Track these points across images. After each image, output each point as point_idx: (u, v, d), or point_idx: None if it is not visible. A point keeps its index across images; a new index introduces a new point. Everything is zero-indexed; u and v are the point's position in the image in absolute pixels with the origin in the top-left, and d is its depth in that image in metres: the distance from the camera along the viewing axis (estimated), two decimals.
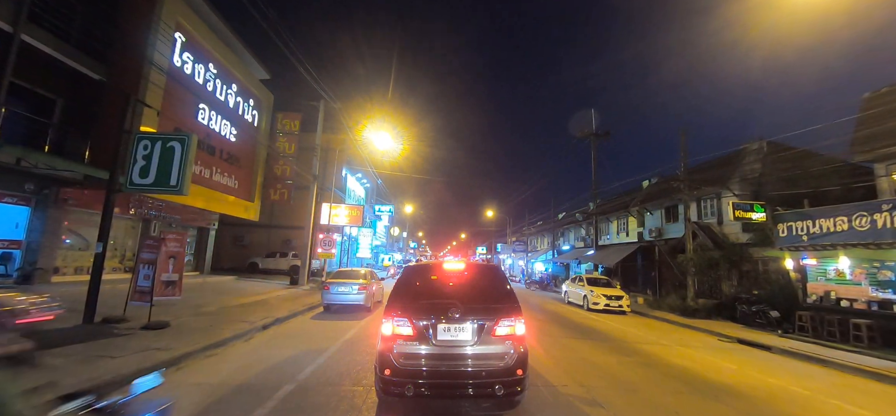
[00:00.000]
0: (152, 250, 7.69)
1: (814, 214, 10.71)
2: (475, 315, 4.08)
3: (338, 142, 24.67)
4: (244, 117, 18.27)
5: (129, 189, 8.12)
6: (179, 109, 13.62)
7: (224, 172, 16.94)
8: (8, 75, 8.45)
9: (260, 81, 19.76)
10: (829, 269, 10.80)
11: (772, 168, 15.93)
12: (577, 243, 32.67)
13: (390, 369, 3.89)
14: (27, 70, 9.95)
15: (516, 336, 4.09)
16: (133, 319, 7.43)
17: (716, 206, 18.32)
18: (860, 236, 9.50)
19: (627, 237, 25.56)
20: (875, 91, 12.92)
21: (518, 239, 44.95)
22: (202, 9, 14.62)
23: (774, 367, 7.72)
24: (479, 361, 3.98)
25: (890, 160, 11.80)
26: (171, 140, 8.01)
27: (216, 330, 7.45)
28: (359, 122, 21.16)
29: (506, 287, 4.68)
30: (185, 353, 5.87)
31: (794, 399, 5.72)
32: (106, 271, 8.46)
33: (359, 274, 12.04)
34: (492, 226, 55.67)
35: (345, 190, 28.62)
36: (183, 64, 13.86)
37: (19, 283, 10.60)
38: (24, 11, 8.84)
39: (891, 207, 9.08)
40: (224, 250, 23.89)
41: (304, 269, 17.90)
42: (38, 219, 11.11)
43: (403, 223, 61.52)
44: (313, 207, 18.25)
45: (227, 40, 16.48)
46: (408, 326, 4.02)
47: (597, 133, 24.23)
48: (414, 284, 4.76)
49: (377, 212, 40.64)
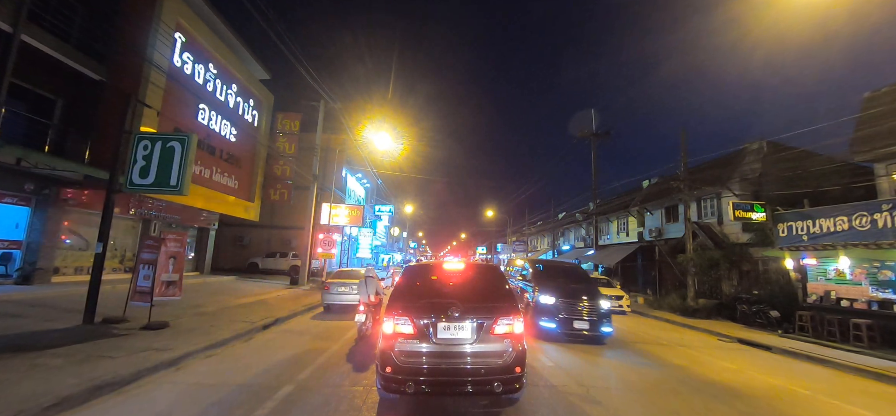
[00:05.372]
0: (152, 250, 7.68)
1: (814, 213, 10.70)
2: (474, 314, 4.17)
3: (338, 142, 24.66)
4: (244, 117, 18.26)
5: (129, 189, 8.11)
6: (179, 109, 13.61)
7: (224, 173, 16.94)
8: (8, 75, 8.43)
9: (260, 81, 19.75)
10: (830, 269, 10.79)
11: (772, 168, 15.93)
12: (577, 243, 32.65)
13: (392, 366, 3.97)
14: (27, 70, 9.95)
15: (515, 335, 4.17)
16: (133, 319, 7.43)
17: (716, 206, 18.32)
18: (860, 235, 9.49)
19: (627, 237, 25.55)
20: (875, 91, 12.92)
21: (518, 239, 44.91)
22: (202, 9, 14.61)
23: (775, 367, 7.72)
24: (478, 359, 4.06)
25: (890, 160, 11.79)
26: (171, 140, 8.01)
27: (216, 330, 7.45)
28: (359, 122, 21.20)
29: (505, 287, 4.76)
30: (186, 353, 5.87)
31: (795, 399, 5.72)
32: (106, 271, 8.47)
33: (359, 274, 12.02)
34: (492, 226, 55.67)
35: (345, 190, 28.61)
36: (183, 64, 13.85)
37: (19, 283, 10.60)
38: (24, 11, 8.83)
39: (891, 206, 9.07)
40: (224, 250, 23.87)
41: (304, 269, 17.89)
42: (38, 219, 11.11)
43: (403, 223, 61.50)
44: (313, 207, 18.25)
45: (227, 40, 16.48)
46: (409, 324, 4.10)
47: (597, 133, 24.21)
48: (415, 283, 4.84)
49: (377, 212, 40.62)
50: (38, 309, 8.06)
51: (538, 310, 8.81)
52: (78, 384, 4.31)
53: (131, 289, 7.63)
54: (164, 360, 5.44)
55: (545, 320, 8.62)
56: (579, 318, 8.38)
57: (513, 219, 48.40)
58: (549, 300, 8.73)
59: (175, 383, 4.97)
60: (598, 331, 8.36)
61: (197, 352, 6.11)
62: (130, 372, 4.85)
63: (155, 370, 5.19)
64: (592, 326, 8.33)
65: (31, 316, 7.41)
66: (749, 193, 16.07)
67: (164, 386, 4.83)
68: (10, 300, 8.70)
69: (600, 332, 8.39)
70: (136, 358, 5.36)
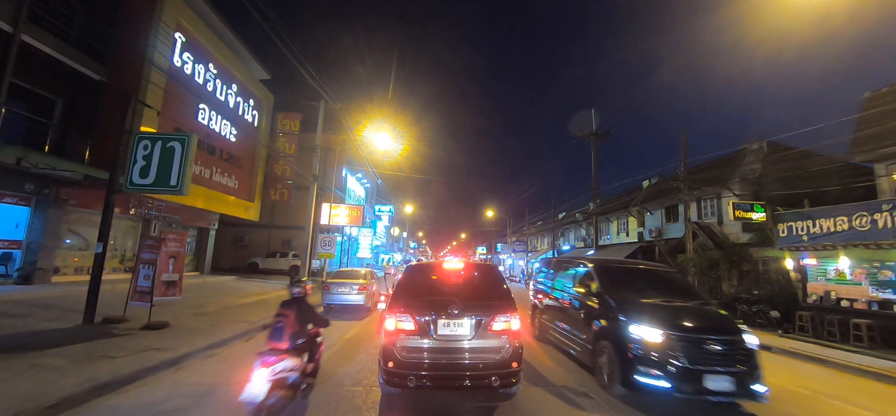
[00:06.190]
0: (152, 250, 7.68)
1: (814, 214, 10.71)
2: (473, 312, 4.33)
3: (338, 142, 24.65)
4: (244, 117, 18.27)
5: (129, 189, 8.12)
6: (179, 109, 13.62)
7: (224, 172, 16.94)
8: (8, 75, 8.43)
9: (260, 81, 19.77)
10: (830, 269, 10.79)
11: (772, 168, 15.93)
12: (577, 243, 32.67)
13: (394, 361, 4.14)
14: (27, 70, 9.95)
15: (512, 331, 4.34)
16: (133, 319, 7.43)
17: (716, 206, 18.32)
18: (861, 235, 9.49)
19: (627, 237, 25.55)
20: (875, 91, 12.93)
21: (518, 239, 44.93)
22: (202, 9, 14.62)
23: (775, 367, 7.71)
24: (476, 354, 4.24)
25: (890, 160, 11.79)
26: (171, 140, 8.01)
27: (217, 330, 7.45)
28: (359, 122, 21.14)
29: (502, 286, 4.94)
30: (186, 353, 5.87)
31: (795, 399, 5.72)
32: (106, 271, 8.46)
33: (359, 274, 12.03)
34: (492, 226, 55.65)
35: (345, 190, 28.61)
36: (183, 64, 13.86)
37: (19, 283, 10.60)
38: (24, 11, 8.83)
39: (891, 207, 9.07)
40: (224, 250, 23.87)
41: (304, 269, 17.88)
42: (38, 219, 11.11)
43: (403, 223, 61.48)
44: (313, 207, 18.22)
45: (227, 40, 16.48)
46: (410, 321, 4.27)
47: (597, 133, 24.17)
48: (415, 282, 5.02)
49: (377, 212, 40.62)
50: (38, 309, 8.05)
51: (628, 351, 5.02)
52: (78, 383, 4.31)
53: (131, 289, 7.63)
54: (164, 360, 5.44)
55: (645, 370, 4.81)
56: (713, 368, 4.72)
57: (513, 219, 48.45)
58: (654, 336, 4.93)
59: (176, 383, 4.97)
60: (746, 390, 4.69)
61: (197, 352, 6.11)
62: (131, 372, 4.85)
63: (155, 369, 5.19)
64: (738, 382, 4.66)
65: (32, 316, 7.41)
66: (749, 193, 16.07)
67: (165, 386, 4.83)
68: (10, 300, 8.70)
69: (750, 390, 4.70)
70: (136, 358, 5.36)
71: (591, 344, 5.88)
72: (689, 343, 4.87)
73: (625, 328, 5.17)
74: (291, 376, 3.89)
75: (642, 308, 5.41)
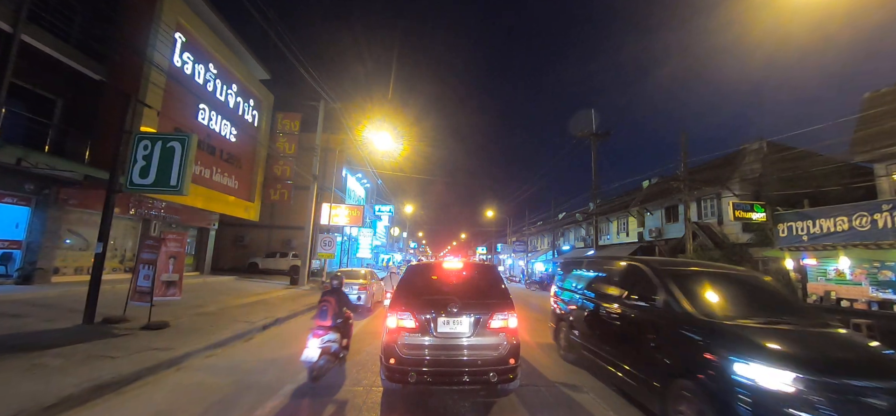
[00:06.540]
0: (152, 250, 7.67)
1: (814, 214, 10.71)
2: (472, 310, 4.45)
3: (337, 142, 24.66)
4: (244, 117, 18.27)
5: (129, 189, 8.11)
6: (179, 109, 13.62)
7: (224, 172, 16.94)
8: (8, 75, 8.43)
9: (260, 81, 19.77)
10: (830, 269, 10.80)
11: (772, 168, 15.94)
12: (577, 244, 32.68)
13: (395, 358, 4.26)
14: (27, 70, 9.95)
15: (509, 329, 4.45)
16: (133, 319, 7.42)
17: (716, 206, 18.33)
18: (860, 235, 9.50)
19: (628, 237, 25.56)
20: (875, 91, 12.95)
21: (518, 239, 44.92)
22: (202, 9, 14.62)
23: None
24: (475, 351, 4.35)
25: (890, 160, 11.80)
26: (171, 140, 8.00)
27: (217, 330, 7.45)
28: (359, 122, 21.15)
29: (501, 285, 5.06)
30: (186, 353, 5.87)
31: None
32: (106, 271, 8.46)
33: (359, 274, 12.03)
34: (492, 226, 55.63)
35: (345, 190, 28.61)
36: (183, 64, 13.86)
37: (19, 283, 10.60)
38: (24, 11, 8.83)
39: (891, 207, 9.08)
40: (224, 250, 23.88)
41: (304, 269, 17.88)
42: (38, 219, 11.10)
43: (403, 224, 61.51)
44: (313, 207, 18.23)
45: (227, 40, 16.49)
46: (411, 319, 4.38)
47: (597, 133, 24.19)
48: (416, 282, 5.14)
49: (377, 212, 40.64)
50: (38, 309, 8.05)
51: (735, 405, 3.17)
52: (78, 383, 4.30)
53: (131, 289, 7.63)
54: (164, 360, 5.43)
55: None
56: None
57: (513, 219, 48.43)
58: (779, 382, 3.06)
59: (176, 383, 4.97)
60: None
61: (197, 352, 6.11)
62: (131, 372, 4.85)
63: (155, 369, 5.19)
64: None
65: (32, 316, 7.40)
66: (749, 193, 16.07)
67: (165, 386, 4.83)
68: (10, 300, 8.69)
69: None
70: (136, 358, 5.36)
71: (658, 382, 4.10)
72: (840, 395, 2.96)
73: (726, 367, 3.32)
74: (333, 346, 5.07)
75: (748, 335, 3.51)
